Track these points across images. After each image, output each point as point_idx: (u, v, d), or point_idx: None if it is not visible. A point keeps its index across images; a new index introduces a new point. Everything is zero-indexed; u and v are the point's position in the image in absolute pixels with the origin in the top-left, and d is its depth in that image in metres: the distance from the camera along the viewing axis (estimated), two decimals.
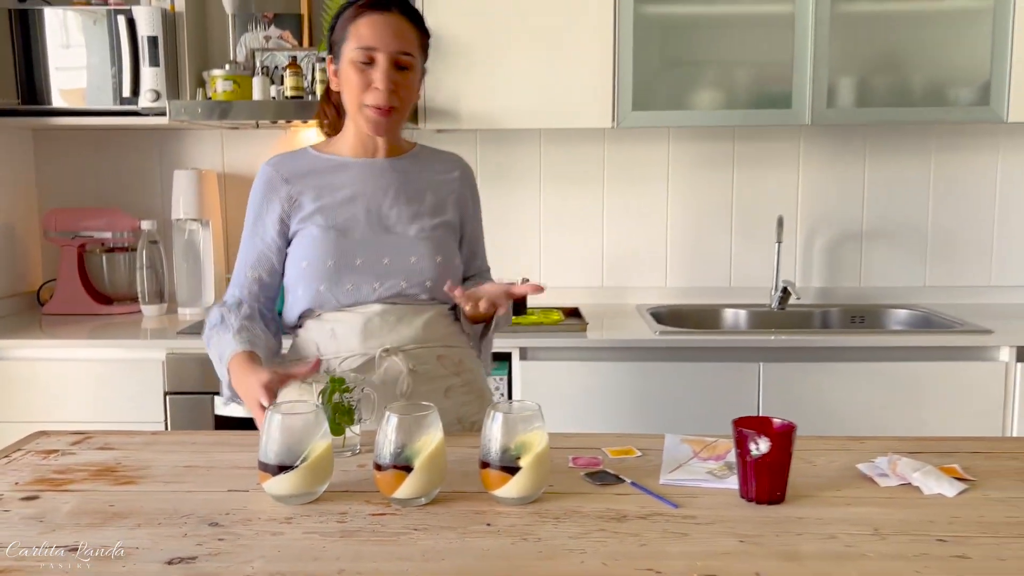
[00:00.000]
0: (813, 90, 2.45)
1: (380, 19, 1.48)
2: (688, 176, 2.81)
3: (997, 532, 1.05)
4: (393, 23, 1.48)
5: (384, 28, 1.47)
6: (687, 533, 1.05)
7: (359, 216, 1.54)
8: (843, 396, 2.26)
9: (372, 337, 1.52)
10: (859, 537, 1.03)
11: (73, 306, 2.68)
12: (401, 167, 1.60)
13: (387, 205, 1.56)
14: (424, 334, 1.54)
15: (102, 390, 2.29)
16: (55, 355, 2.31)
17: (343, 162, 1.58)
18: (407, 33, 1.50)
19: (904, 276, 2.83)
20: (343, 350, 1.53)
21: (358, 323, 1.52)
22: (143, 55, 2.46)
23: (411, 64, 1.50)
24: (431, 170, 1.63)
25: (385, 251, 1.53)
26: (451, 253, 1.60)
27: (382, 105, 1.48)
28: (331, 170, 1.57)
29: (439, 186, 1.62)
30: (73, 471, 1.27)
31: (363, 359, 1.52)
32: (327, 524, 1.08)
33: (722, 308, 2.76)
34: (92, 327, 2.50)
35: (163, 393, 2.29)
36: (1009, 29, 2.43)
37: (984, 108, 2.47)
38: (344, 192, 1.55)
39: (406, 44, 1.49)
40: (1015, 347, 2.26)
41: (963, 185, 2.79)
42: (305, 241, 1.54)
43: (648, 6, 2.47)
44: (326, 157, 1.59)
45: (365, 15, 1.48)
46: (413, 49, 1.51)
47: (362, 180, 1.57)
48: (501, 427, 1.14)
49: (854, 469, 1.26)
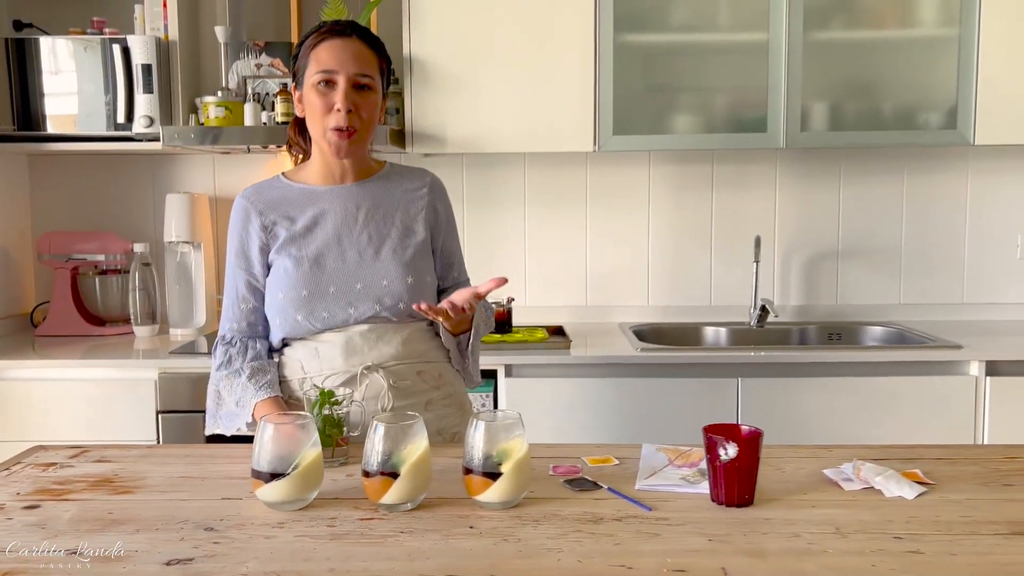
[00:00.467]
0: (787, 115, 2.54)
1: (339, 43, 1.55)
2: (668, 198, 2.89)
3: (951, 531, 1.11)
4: (352, 47, 1.55)
5: (343, 52, 1.54)
6: (659, 533, 1.10)
7: (330, 244, 1.59)
8: (819, 410, 2.33)
9: (354, 355, 1.58)
10: (821, 536, 1.09)
11: (66, 327, 2.72)
12: (369, 190, 1.65)
13: (357, 230, 1.61)
14: (404, 351, 1.60)
15: (96, 409, 2.33)
16: (49, 375, 2.35)
17: (312, 190, 1.63)
18: (366, 57, 1.56)
19: (879, 294, 2.90)
20: (326, 368, 1.59)
21: (340, 342, 1.58)
22: (137, 82, 2.52)
23: (371, 85, 1.56)
24: (400, 189, 1.67)
25: (357, 277, 1.59)
26: (422, 271, 1.64)
27: (343, 125, 1.53)
28: (301, 199, 1.63)
29: (408, 204, 1.66)
30: (72, 482, 1.32)
31: (346, 376, 1.58)
32: (317, 528, 1.13)
33: (702, 326, 2.83)
34: (85, 348, 2.54)
35: (155, 412, 2.34)
36: (974, 56, 2.52)
37: (952, 132, 2.56)
38: (314, 221, 1.61)
39: (365, 67, 1.55)
40: (984, 362, 2.33)
41: (934, 205, 2.88)
42: (279, 273, 1.60)
43: (627, 35, 2.56)
44: (296, 186, 1.64)
45: (325, 41, 1.55)
46: (372, 71, 1.57)
47: (331, 207, 1.62)
48: (483, 435, 1.19)
49: (821, 475, 1.32)
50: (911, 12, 2.58)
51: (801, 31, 2.52)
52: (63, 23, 2.71)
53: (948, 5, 2.54)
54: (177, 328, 2.72)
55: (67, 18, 2.74)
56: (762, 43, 2.54)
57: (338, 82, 1.53)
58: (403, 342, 1.60)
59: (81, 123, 2.57)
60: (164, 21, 2.60)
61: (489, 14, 2.51)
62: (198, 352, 2.44)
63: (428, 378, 1.63)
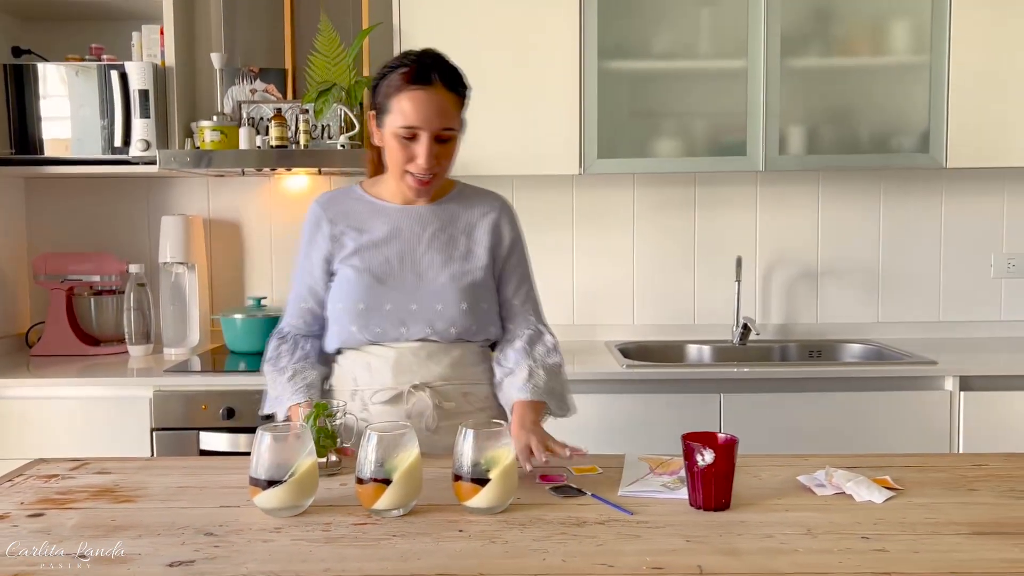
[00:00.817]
0: (766, 139, 2.62)
1: (423, 97, 1.52)
2: (652, 219, 2.96)
3: (915, 531, 1.17)
4: (436, 101, 1.53)
5: (427, 106, 1.52)
6: (639, 535, 1.16)
7: (392, 261, 1.63)
8: (799, 425, 2.39)
9: (403, 373, 1.61)
10: (793, 536, 1.15)
11: (61, 347, 2.76)
12: (439, 213, 1.67)
13: (421, 251, 1.63)
14: (452, 372, 1.63)
15: (91, 426, 2.36)
16: (44, 393, 2.39)
17: (384, 207, 1.67)
18: (449, 107, 1.55)
19: (858, 312, 2.98)
20: (376, 383, 1.63)
21: (391, 358, 1.62)
22: (134, 107, 2.58)
23: (453, 136, 1.58)
24: (468, 213, 1.69)
25: (413, 297, 1.61)
26: (479, 298, 1.65)
27: (424, 177, 1.57)
28: (373, 213, 1.67)
29: (474, 229, 1.68)
30: (74, 492, 1.36)
31: (394, 392, 1.61)
32: (313, 532, 1.18)
33: (686, 344, 2.89)
34: (80, 367, 2.58)
35: (150, 429, 2.37)
36: (944, 83, 2.62)
37: (924, 155, 2.65)
38: (382, 236, 1.64)
39: (448, 120, 1.55)
40: (959, 377, 2.40)
41: (910, 226, 2.97)
42: (341, 282, 1.65)
43: (611, 62, 2.64)
44: (369, 199, 1.68)
45: (408, 91, 1.53)
46: (454, 121, 1.57)
47: (399, 226, 1.65)
48: (472, 443, 1.25)
49: (795, 481, 1.38)
50: (884, 40, 2.68)
51: (779, 58, 2.61)
52: (62, 50, 2.78)
53: (919, 34, 2.64)
54: (171, 348, 2.76)
55: (66, 45, 2.81)
56: (741, 70, 2.63)
57: (420, 137, 1.54)
58: (452, 363, 1.63)
59: (77, 147, 2.62)
60: (161, 48, 2.66)
61: (477, 41, 2.59)
62: (192, 371, 2.48)
63: (474, 400, 1.66)
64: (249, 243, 2.97)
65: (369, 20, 2.73)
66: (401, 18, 2.59)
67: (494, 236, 1.69)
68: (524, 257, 1.75)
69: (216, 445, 2.36)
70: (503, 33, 2.61)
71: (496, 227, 1.70)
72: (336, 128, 2.66)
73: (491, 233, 1.69)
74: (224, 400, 2.37)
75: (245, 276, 2.98)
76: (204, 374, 2.46)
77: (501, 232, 1.70)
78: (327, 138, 2.66)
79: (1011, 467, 1.46)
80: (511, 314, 1.72)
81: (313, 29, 2.69)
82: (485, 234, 1.68)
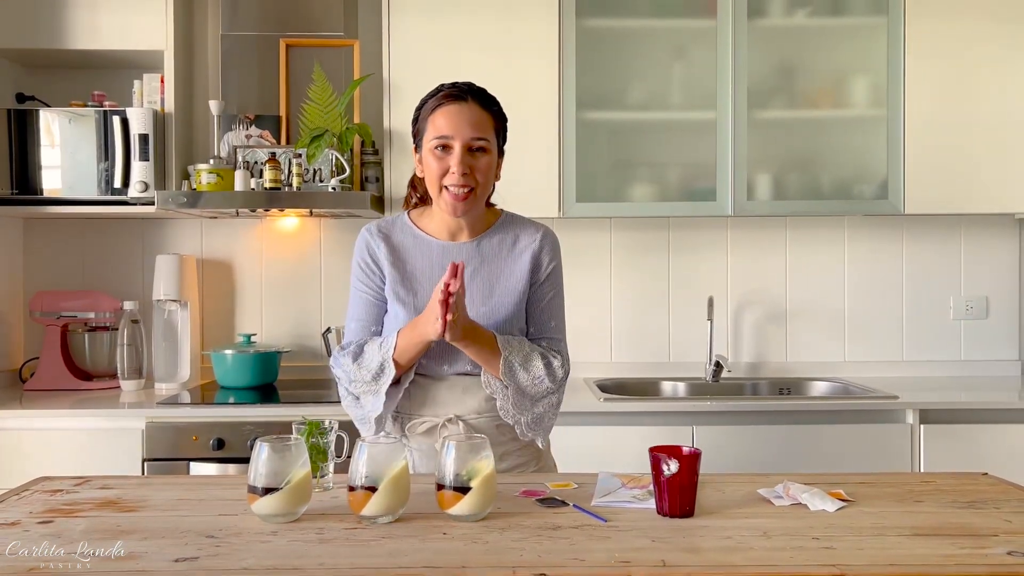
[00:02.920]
0: (735, 185, 2.78)
1: (455, 109, 1.66)
2: (628, 261, 3.10)
3: (861, 534, 1.27)
4: (467, 113, 1.66)
5: (459, 117, 1.65)
6: (609, 536, 1.26)
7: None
8: (768, 455, 2.49)
9: (439, 405, 1.71)
10: (750, 538, 1.25)
11: (54, 382, 2.83)
12: (480, 249, 1.74)
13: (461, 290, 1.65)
14: (486, 405, 1.71)
15: (84, 457, 2.43)
16: (38, 424, 2.46)
17: (428, 241, 1.75)
18: (482, 120, 1.67)
19: (825, 351, 3.11)
20: (415, 412, 1.73)
21: (429, 390, 1.72)
22: (134, 151, 2.70)
23: (486, 147, 1.67)
24: (509, 248, 1.76)
25: None
26: (513, 329, 1.72)
27: (457, 185, 1.64)
28: (417, 247, 1.75)
29: (515, 261, 1.75)
30: (80, 503, 1.44)
31: (430, 424, 1.71)
32: (307, 535, 1.27)
33: (661, 381, 3.00)
34: (73, 400, 2.65)
35: (142, 459, 2.44)
36: (901, 134, 2.79)
37: (884, 202, 2.81)
38: (426, 273, 1.72)
39: (480, 130, 1.66)
40: (918, 410, 2.52)
41: (873, 269, 3.12)
42: (391, 317, 1.73)
43: (588, 112, 2.80)
44: (416, 231, 1.76)
45: (442, 107, 1.66)
46: (487, 134, 1.67)
47: (442, 263, 1.72)
48: (454, 455, 1.35)
49: (756, 494, 1.48)
50: (844, 94, 2.85)
51: (746, 110, 2.77)
52: (66, 97, 2.90)
53: (876, 88, 2.82)
54: (162, 383, 2.84)
55: (70, 92, 2.94)
56: (711, 121, 2.79)
57: (454, 147, 1.64)
58: (487, 397, 1.70)
59: (76, 188, 2.73)
60: (161, 95, 2.80)
61: None
62: (183, 403, 2.56)
63: (506, 431, 1.72)
64: (240, 282, 3.08)
65: (361, 71, 2.88)
66: (391, 69, 2.75)
67: (533, 264, 1.75)
68: (556, 285, 1.78)
69: (206, 474, 2.42)
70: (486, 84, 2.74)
71: (536, 256, 1.75)
72: (328, 171, 2.79)
73: (532, 261, 1.75)
74: (214, 431, 2.45)
75: (236, 313, 3.08)
76: (195, 406, 2.53)
77: (540, 260, 1.76)
78: (319, 181, 2.79)
79: (956, 483, 1.57)
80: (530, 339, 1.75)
81: (307, 79, 2.83)
82: (527, 264, 1.74)
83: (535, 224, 1.80)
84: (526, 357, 1.69)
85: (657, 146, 2.87)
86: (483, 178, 1.67)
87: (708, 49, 2.79)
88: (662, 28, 2.83)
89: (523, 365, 1.68)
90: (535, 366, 1.68)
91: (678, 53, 2.83)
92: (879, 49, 2.81)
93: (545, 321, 1.78)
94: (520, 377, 1.68)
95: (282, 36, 2.86)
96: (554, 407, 1.76)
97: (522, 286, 1.73)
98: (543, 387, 1.70)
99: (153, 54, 2.79)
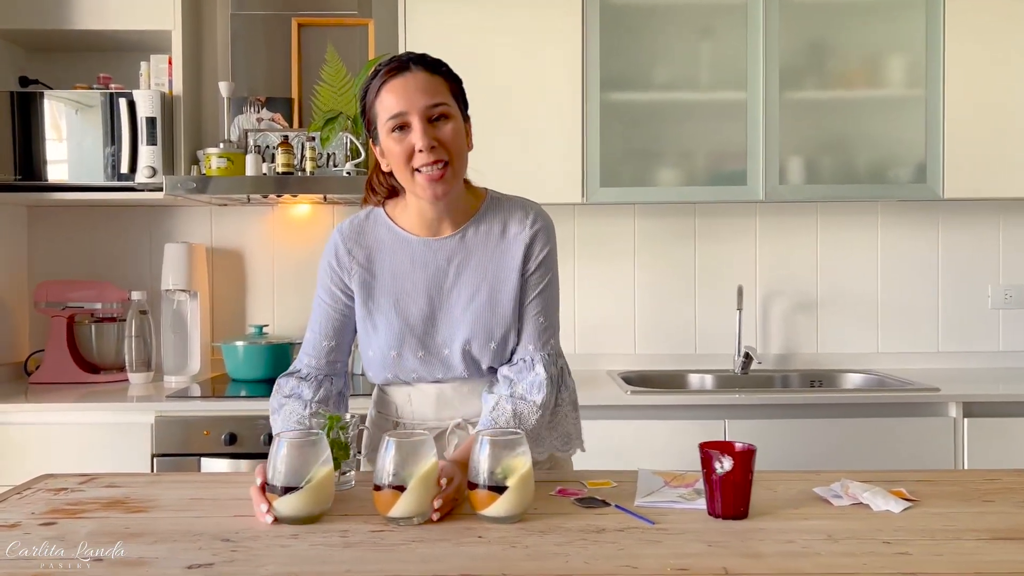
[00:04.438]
0: (766, 169, 2.66)
1: (401, 82, 1.43)
2: (653, 249, 2.99)
3: (935, 537, 1.17)
4: (415, 80, 1.43)
5: (406, 88, 1.43)
6: (660, 541, 1.15)
7: (422, 305, 1.53)
8: (804, 450, 2.39)
9: (445, 408, 1.57)
10: (814, 541, 1.15)
11: (60, 375, 2.74)
12: (464, 242, 1.54)
13: (447, 286, 1.53)
14: None
15: (91, 452, 2.34)
16: (44, 419, 2.37)
17: (406, 239, 1.55)
18: (432, 85, 1.44)
19: (857, 342, 2.99)
20: (417, 417, 1.58)
21: (432, 394, 1.57)
22: (141, 135, 2.61)
23: (447, 112, 1.44)
24: (496, 237, 1.55)
25: (445, 343, 1.53)
26: (509, 329, 1.55)
27: (429, 162, 1.42)
28: (396, 247, 1.55)
29: (505, 252, 1.55)
30: (85, 503, 1.35)
31: (437, 430, 1.56)
32: (330, 538, 1.17)
33: (688, 373, 2.90)
34: (80, 393, 2.56)
35: (151, 455, 2.35)
36: (940, 115, 2.67)
37: (922, 186, 2.69)
38: (406, 276, 1.54)
39: (434, 95, 1.43)
40: (962, 403, 2.41)
41: (908, 257, 3.00)
42: (370, 328, 1.55)
43: (613, 94, 2.69)
44: (394, 228, 1.56)
45: (387, 83, 1.44)
46: (444, 98, 1.45)
47: (424, 262, 1.54)
48: (488, 452, 1.24)
49: (811, 493, 1.38)
50: (879, 74, 2.74)
51: (777, 90, 2.66)
52: (71, 80, 2.81)
53: (914, 67, 2.70)
54: (171, 376, 2.75)
55: (74, 75, 2.84)
56: (740, 102, 2.68)
57: (411, 122, 1.42)
58: None
59: (81, 174, 2.63)
60: (169, 77, 2.70)
61: (482, 72, 2.63)
62: (193, 396, 2.47)
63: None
64: (251, 271, 2.98)
65: (376, 51, 2.78)
66: (407, 49, 2.64)
67: (525, 252, 1.55)
68: (547, 275, 1.58)
69: (218, 471, 2.34)
70: (507, 64, 2.65)
71: (529, 244, 1.55)
72: (342, 156, 2.68)
73: (523, 252, 1.55)
74: (226, 426, 2.36)
75: (247, 304, 2.98)
76: (206, 400, 2.44)
77: (532, 248, 1.55)
78: (332, 166, 2.69)
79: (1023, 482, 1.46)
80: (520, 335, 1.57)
81: (320, 60, 2.73)
82: (518, 255, 1.55)
83: (524, 205, 1.58)
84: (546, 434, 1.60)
85: (684, 129, 2.75)
86: (454, 147, 1.44)
87: (737, 27, 2.68)
88: (689, 5, 2.71)
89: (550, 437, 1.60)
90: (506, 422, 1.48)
91: (706, 31, 2.72)
92: (917, 26, 2.69)
93: (534, 317, 1.56)
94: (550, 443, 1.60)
95: (294, 15, 2.77)
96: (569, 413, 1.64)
97: (515, 280, 1.54)
98: (531, 422, 1.50)
99: (160, 34, 2.69)
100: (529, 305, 1.56)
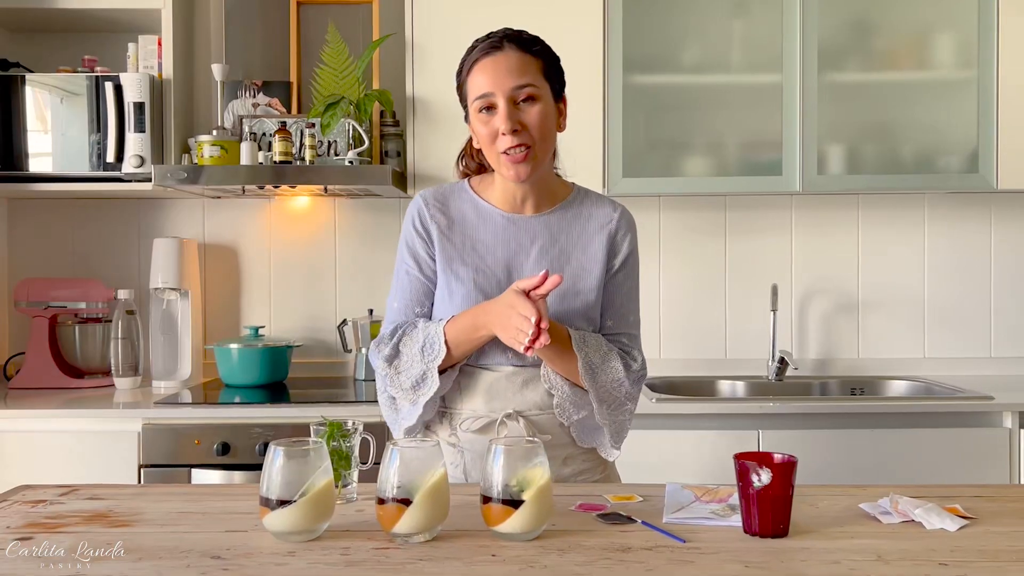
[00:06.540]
0: (803, 158, 2.63)
1: (490, 62, 1.53)
2: (680, 245, 2.96)
3: (998, 558, 1.13)
4: (505, 61, 1.52)
5: (495, 69, 1.52)
6: (693, 561, 1.12)
7: (500, 279, 1.58)
8: (845, 463, 2.35)
9: (496, 399, 1.58)
10: (863, 563, 1.11)
11: (42, 379, 2.73)
12: (549, 223, 1.62)
13: (528, 267, 1.59)
14: (549, 400, 1.58)
15: (74, 462, 2.33)
16: (24, 426, 2.36)
17: (490, 212, 1.62)
18: (523, 65, 1.53)
19: (902, 347, 2.95)
20: (466, 409, 1.59)
21: (484, 382, 1.58)
22: (129, 121, 2.60)
23: (534, 94, 1.53)
24: (584, 224, 1.63)
25: None
26: (590, 321, 1.60)
27: (510, 146, 1.51)
28: (479, 220, 1.62)
29: (590, 241, 1.62)
30: (64, 517, 1.33)
31: (486, 420, 1.57)
32: (330, 556, 1.14)
33: (718, 380, 2.86)
34: (63, 399, 2.55)
35: (138, 465, 2.34)
36: (993, 99, 2.63)
37: (974, 176, 2.65)
38: (487, 249, 1.60)
39: (522, 76, 1.52)
40: (1018, 412, 2.36)
41: (958, 253, 2.95)
42: (445, 295, 1.60)
43: (637, 76, 2.66)
44: (478, 200, 1.63)
45: (478, 63, 1.54)
46: (533, 79, 1.53)
47: (506, 238, 1.60)
48: (503, 462, 1.21)
49: (857, 509, 1.34)
50: (927, 54, 2.69)
51: (816, 73, 2.62)
52: (54, 63, 2.80)
53: (965, 48, 2.66)
54: (160, 380, 2.74)
55: (58, 58, 2.84)
56: (776, 85, 2.64)
57: (497, 104, 1.52)
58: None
59: (64, 163, 2.63)
60: (158, 59, 2.69)
61: None
62: (183, 403, 2.46)
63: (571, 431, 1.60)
64: (246, 268, 2.97)
65: (380, 31, 2.76)
66: (415, 29, 2.62)
67: (610, 247, 1.62)
68: (634, 275, 1.67)
69: (209, 483, 2.32)
70: None
71: (613, 237, 1.63)
72: (344, 144, 2.66)
73: (608, 244, 1.62)
74: (218, 435, 2.34)
75: (242, 304, 2.97)
76: (197, 407, 2.43)
77: (618, 243, 1.63)
78: (334, 154, 2.67)
79: None
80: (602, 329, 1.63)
81: (320, 40, 2.72)
82: (602, 246, 1.62)
83: (611, 202, 1.68)
84: (604, 357, 1.57)
85: (714, 114, 2.71)
86: (539, 132, 1.53)
87: (773, 3, 2.64)
88: None
89: (602, 367, 1.56)
90: (614, 367, 1.57)
91: (739, 7, 2.69)
92: (968, 1, 2.64)
93: (624, 315, 1.65)
94: (601, 380, 1.56)
95: None
96: (632, 415, 1.64)
97: (599, 270, 1.61)
98: (622, 391, 1.59)
99: (149, 13, 2.69)
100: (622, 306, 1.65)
